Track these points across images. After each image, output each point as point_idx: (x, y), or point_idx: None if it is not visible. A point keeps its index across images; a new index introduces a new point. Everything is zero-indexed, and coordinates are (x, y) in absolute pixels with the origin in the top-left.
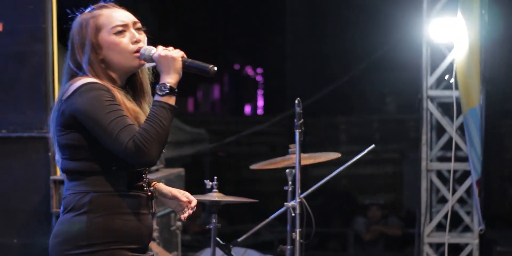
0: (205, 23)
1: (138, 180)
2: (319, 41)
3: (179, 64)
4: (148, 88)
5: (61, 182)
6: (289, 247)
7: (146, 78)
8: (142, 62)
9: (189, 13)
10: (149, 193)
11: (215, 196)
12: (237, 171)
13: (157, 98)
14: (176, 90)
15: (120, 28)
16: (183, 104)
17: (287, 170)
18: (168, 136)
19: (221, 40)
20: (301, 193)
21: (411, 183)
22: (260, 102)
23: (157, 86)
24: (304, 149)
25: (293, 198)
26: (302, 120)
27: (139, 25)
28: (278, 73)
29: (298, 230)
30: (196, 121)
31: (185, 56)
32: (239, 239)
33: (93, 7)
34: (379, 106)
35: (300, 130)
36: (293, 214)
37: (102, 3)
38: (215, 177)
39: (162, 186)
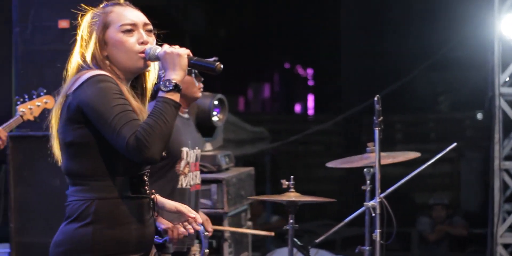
0: (255, 22)
1: (141, 184)
2: (375, 40)
3: (184, 61)
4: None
5: None
6: (367, 248)
7: (150, 81)
8: (148, 63)
9: (239, 12)
10: (152, 196)
11: (292, 196)
12: (293, 171)
13: (161, 94)
14: (180, 87)
15: (128, 27)
16: (234, 103)
17: (365, 169)
18: (171, 132)
19: (272, 39)
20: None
21: (469, 182)
22: (310, 101)
23: (161, 82)
24: (362, 148)
25: (371, 197)
26: (381, 117)
27: (149, 27)
28: (329, 72)
29: (378, 231)
30: (248, 120)
31: (191, 54)
32: (317, 240)
33: (107, 3)
34: (433, 105)
35: (379, 128)
36: (373, 214)
37: (116, 1)
38: (292, 177)
39: (161, 199)
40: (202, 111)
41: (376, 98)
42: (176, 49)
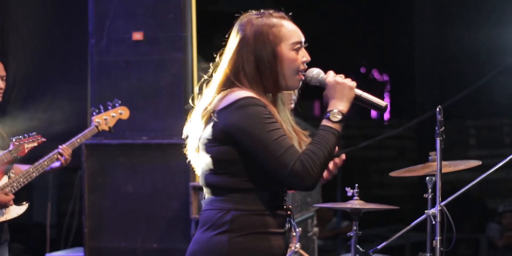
0: (331, 27)
1: (279, 199)
2: (449, 44)
3: (353, 94)
4: (287, 109)
5: (200, 188)
6: (428, 254)
7: (286, 100)
8: (300, 84)
9: (314, 16)
10: (289, 212)
11: (356, 203)
12: (367, 175)
13: (328, 123)
14: (345, 119)
15: (299, 45)
16: (309, 108)
17: (427, 178)
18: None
19: (348, 43)
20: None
21: None
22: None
23: (329, 112)
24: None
25: (433, 205)
26: (443, 128)
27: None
28: (405, 77)
29: (438, 238)
30: None
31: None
32: (379, 246)
33: (268, 13)
34: (508, 110)
35: (441, 138)
36: (433, 222)
37: (280, 13)
38: (356, 185)
39: None
40: None
41: (438, 109)
42: (346, 80)
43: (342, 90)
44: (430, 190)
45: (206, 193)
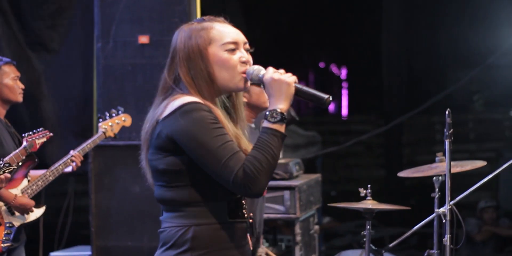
0: (292, 21)
1: (239, 208)
2: (415, 40)
3: (292, 90)
4: (242, 114)
5: None
6: (436, 251)
7: (241, 103)
8: (247, 84)
9: (276, 11)
10: (250, 220)
11: (369, 203)
12: (337, 171)
13: (267, 124)
14: (286, 117)
15: (232, 46)
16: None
17: (434, 178)
18: (276, 166)
19: (308, 37)
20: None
21: (508, 182)
22: (344, 101)
23: (267, 112)
24: (402, 149)
25: (440, 204)
26: (451, 130)
27: (248, 46)
28: (366, 72)
29: (448, 236)
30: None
31: (297, 81)
32: (391, 245)
33: (203, 18)
34: (468, 105)
35: (449, 140)
36: (443, 221)
37: (213, 16)
38: (369, 186)
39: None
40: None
41: (447, 112)
42: (284, 75)
43: (279, 87)
44: (437, 189)
45: (163, 209)
